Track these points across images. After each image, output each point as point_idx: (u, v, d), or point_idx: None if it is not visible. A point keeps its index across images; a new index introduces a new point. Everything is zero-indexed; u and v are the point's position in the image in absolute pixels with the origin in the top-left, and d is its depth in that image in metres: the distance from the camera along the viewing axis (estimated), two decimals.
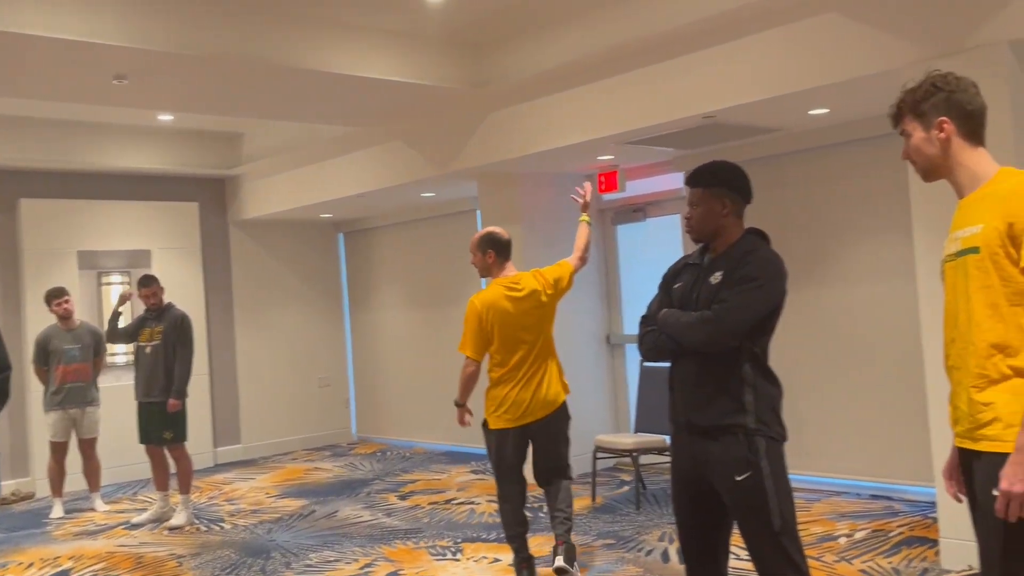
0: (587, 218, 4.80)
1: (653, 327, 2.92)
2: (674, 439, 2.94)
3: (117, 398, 7.96)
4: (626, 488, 6.67)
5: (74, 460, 7.11)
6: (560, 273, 4.61)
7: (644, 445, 6.09)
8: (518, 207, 7.13)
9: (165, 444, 6.38)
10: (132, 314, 7.57)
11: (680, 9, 4.96)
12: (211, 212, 9.34)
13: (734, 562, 4.28)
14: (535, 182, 7.26)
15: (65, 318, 6.90)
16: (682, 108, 5.28)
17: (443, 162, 6.99)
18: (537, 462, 4.55)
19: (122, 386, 8.07)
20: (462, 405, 4.55)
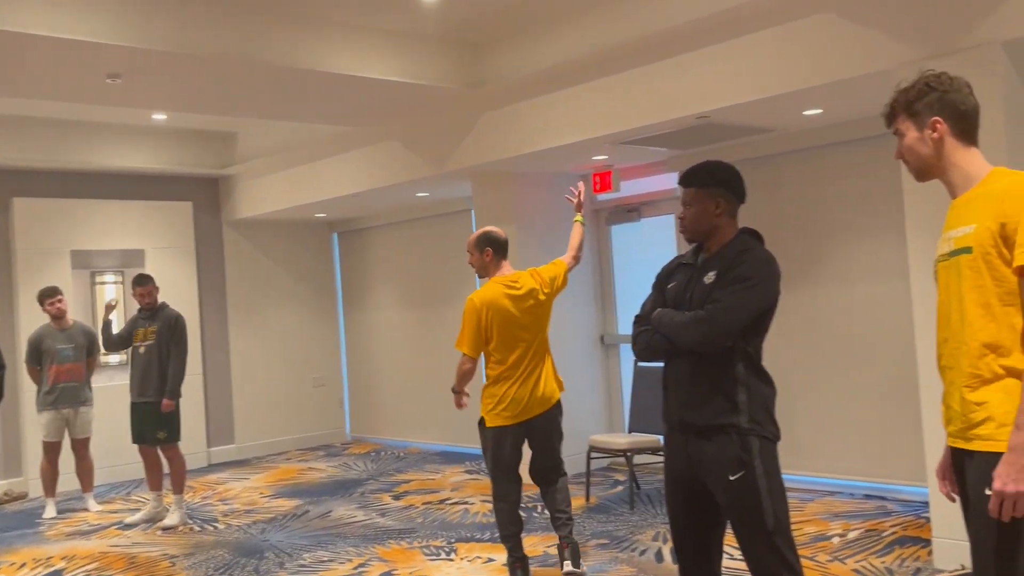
0: (581, 218, 4.83)
1: (647, 327, 2.92)
2: (668, 439, 2.94)
3: (110, 398, 7.94)
4: (620, 488, 6.67)
5: (67, 460, 7.09)
6: (555, 272, 4.65)
7: (638, 445, 6.10)
8: (513, 207, 7.13)
9: (159, 444, 6.37)
10: (124, 316, 7.56)
11: (674, 9, 4.97)
12: (205, 212, 9.33)
13: (728, 562, 4.29)
14: (530, 182, 7.26)
15: (58, 318, 6.87)
16: (676, 108, 5.28)
17: (438, 162, 6.98)
18: (535, 460, 4.58)
19: (115, 386, 8.06)
20: (459, 392, 4.56)
